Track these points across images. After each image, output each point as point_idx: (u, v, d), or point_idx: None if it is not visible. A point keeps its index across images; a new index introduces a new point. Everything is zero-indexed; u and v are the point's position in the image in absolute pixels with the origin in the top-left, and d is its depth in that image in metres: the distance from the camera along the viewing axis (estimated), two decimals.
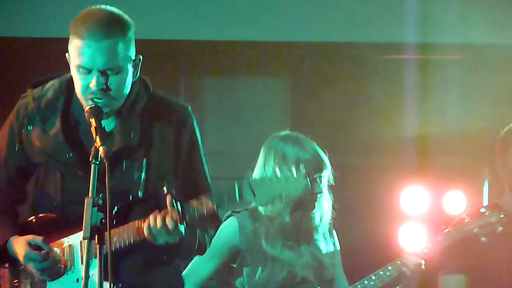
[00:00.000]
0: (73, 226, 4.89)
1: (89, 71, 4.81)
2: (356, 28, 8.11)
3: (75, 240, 4.95)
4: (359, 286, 5.96)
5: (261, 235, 5.88)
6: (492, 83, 8.23)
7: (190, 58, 8.51)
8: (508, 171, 6.35)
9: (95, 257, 4.66)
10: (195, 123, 5.14)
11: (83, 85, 4.82)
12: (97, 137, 4.51)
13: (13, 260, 5.01)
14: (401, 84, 8.28)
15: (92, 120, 4.63)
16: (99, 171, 4.53)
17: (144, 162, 4.95)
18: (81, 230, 4.70)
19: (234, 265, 5.91)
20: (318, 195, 5.86)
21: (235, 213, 5.92)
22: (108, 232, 4.35)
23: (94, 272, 4.67)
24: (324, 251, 5.96)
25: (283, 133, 6.04)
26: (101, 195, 4.38)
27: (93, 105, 4.73)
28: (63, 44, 4.93)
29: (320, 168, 5.84)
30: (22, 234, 4.98)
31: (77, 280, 4.95)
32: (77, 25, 4.82)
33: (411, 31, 8.02)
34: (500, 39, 8.08)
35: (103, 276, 4.36)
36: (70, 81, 4.96)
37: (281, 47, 8.18)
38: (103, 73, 4.82)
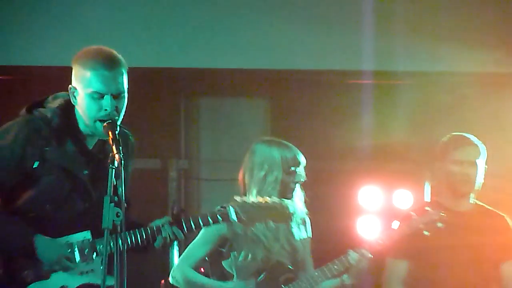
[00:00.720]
0: (64, 227, 4.93)
1: (102, 96, 4.84)
2: (322, 58, 8.21)
3: (73, 239, 4.90)
4: (316, 273, 5.85)
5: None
6: (430, 103, 8.43)
7: (189, 83, 8.61)
8: (445, 173, 6.38)
9: (97, 254, 4.90)
10: None
11: (95, 108, 4.85)
12: (114, 147, 4.55)
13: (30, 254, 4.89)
14: (358, 104, 8.43)
15: (110, 133, 4.68)
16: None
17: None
18: (72, 233, 4.91)
19: (223, 250, 5.89)
20: (297, 184, 5.83)
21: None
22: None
23: (94, 267, 4.90)
24: (297, 237, 5.91)
25: (265, 138, 6.03)
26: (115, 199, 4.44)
27: (110, 121, 4.77)
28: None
29: (298, 163, 5.84)
30: None
31: (81, 273, 4.91)
32: (87, 60, 4.89)
33: (368, 60, 8.07)
34: (436, 67, 8.20)
35: (118, 267, 4.40)
36: (68, 108, 4.98)
37: (261, 73, 8.30)
38: (115, 97, 4.87)
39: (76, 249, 4.91)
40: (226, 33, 8.20)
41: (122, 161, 4.50)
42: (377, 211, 8.73)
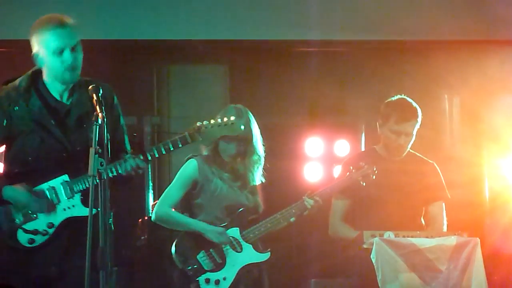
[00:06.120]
0: (46, 175, 4.99)
1: (62, 51, 4.92)
2: (272, 29, 8.16)
3: (55, 183, 4.98)
4: (278, 215, 5.93)
5: (214, 171, 5.93)
6: (363, 67, 8.36)
7: (160, 52, 8.58)
8: (384, 135, 6.34)
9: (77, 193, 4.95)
10: None
11: (59, 62, 4.93)
12: (97, 106, 4.55)
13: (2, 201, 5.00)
14: (304, 68, 8.37)
15: (94, 95, 4.63)
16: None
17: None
18: (54, 178, 4.97)
19: (194, 191, 5.96)
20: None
21: (195, 156, 5.98)
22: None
23: (76, 203, 4.95)
24: (254, 183, 6.01)
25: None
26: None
27: (94, 85, 4.69)
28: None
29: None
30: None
31: (64, 209, 4.97)
32: (42, 25, 4.96)
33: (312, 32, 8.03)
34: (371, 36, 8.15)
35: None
36: (34, 74, 5.05)
37: (221, 43, 8.26)
38: (73, 48, 4.93)
39: (61, 189, 4.94)
40: (191, 9, 8.15)
41: (105, 119, 4.49)
42: (320, 158, 8.68)
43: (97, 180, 4.39)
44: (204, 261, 5.77)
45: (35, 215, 4.95)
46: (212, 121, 5.12)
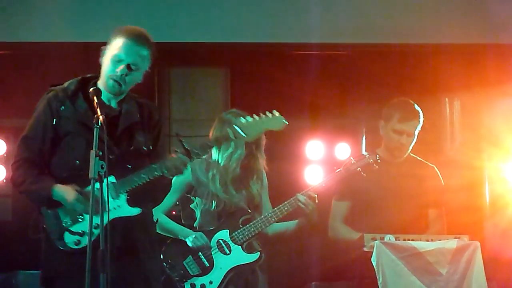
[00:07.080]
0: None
1: (120, 61, 4.97)
2: (274, 32, 8.14)
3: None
4: (269, 214, 5.93)
5: (209, 177, 5.93)
6: (364, 70, 8.35)
7: (160, 55, 8.49)
8: (385, 135, 6.39)
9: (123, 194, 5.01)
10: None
11: (111, 68, 5.00)
12: (98, 109, 4.62)
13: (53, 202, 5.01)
14: (306, 71, 8.33)
15: (95, 98, 4.73)
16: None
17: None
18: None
19: (190, 195, 6.01)
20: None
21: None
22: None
23: (122, 203, 4.97)
24: (254, 186, 6.02)
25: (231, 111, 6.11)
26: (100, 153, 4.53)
27: (95, 88, 4.82)
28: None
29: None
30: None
31: (110, 210, 4.87)
32: (125, 32, 5.03)
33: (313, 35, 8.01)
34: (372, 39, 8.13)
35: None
36: (84, 79, 5.11)
37: (222, 46, 8.21)
38: (129, 67, 4.99)
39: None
40: (193, 12, 8.12)
41: (105, 121, 4.56)
42: (321, 161, 8.70)
43: (98, 182, 4.43)
44: (191, 266, 5.78)
45: (82, 217, 4.94)
46: (255, 117, 5.12)
